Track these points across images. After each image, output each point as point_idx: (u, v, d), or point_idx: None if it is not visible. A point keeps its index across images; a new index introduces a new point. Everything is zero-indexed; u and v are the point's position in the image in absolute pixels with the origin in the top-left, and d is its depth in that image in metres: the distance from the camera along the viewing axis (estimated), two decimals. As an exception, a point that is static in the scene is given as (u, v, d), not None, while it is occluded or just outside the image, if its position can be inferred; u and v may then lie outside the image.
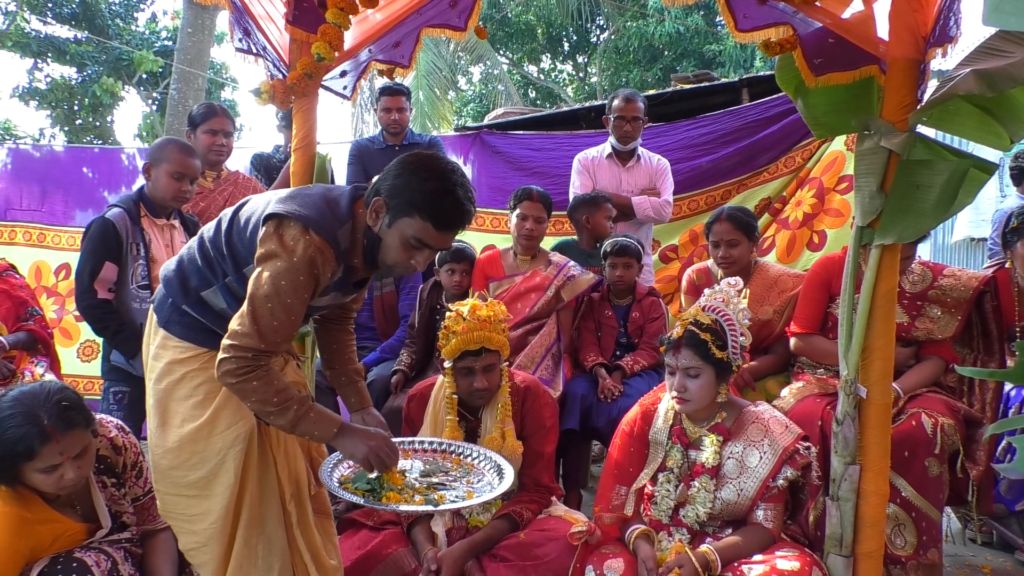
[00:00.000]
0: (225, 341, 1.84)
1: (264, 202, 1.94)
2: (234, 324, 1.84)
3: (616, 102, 4.35)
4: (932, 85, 2.12)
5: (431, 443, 2.50)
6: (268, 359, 1.86)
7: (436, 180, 1.85)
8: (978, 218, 7.33)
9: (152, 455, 2.03)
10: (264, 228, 1.85)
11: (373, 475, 2.07)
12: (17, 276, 3.95)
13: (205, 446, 1.97)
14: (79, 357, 5.12)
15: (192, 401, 1.98)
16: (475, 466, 2.39)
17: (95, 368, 4.55)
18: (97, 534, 2.12)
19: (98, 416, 2.16)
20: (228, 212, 2.02)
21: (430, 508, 2.07)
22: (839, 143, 4.60)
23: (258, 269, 1.84)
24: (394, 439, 2.34)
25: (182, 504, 2.02)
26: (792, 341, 3.08)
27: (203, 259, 1.99)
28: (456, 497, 2.15)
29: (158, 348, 2.03)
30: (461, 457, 2.44)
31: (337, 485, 2.08)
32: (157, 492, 2.07)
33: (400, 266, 1.94)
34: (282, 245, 1.81)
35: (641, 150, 4.46)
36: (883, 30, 2.16)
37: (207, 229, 2.04)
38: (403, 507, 2.04)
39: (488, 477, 2.31)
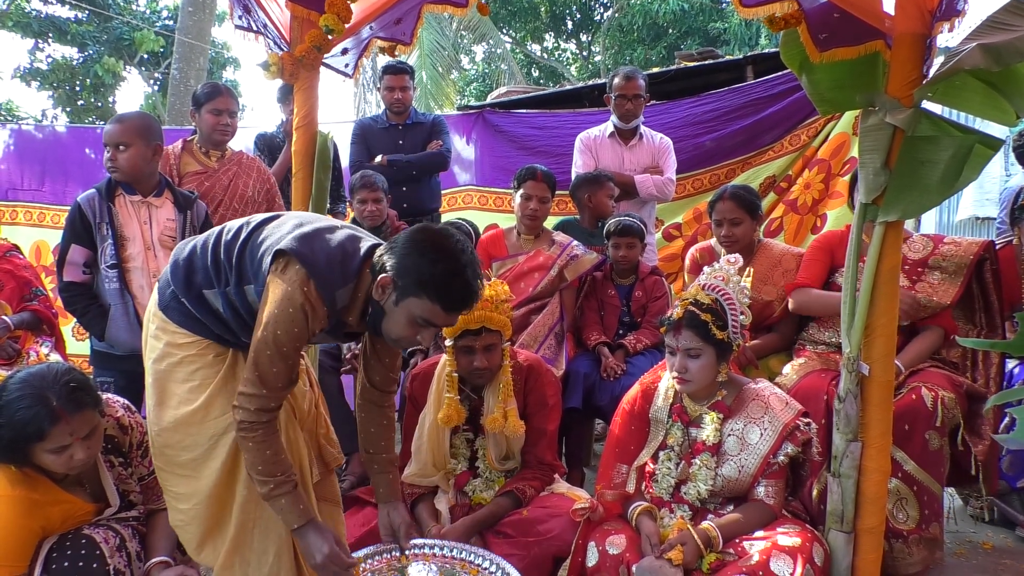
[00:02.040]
0: (240, 390, 1.88)
1: (290, 227, 1.92)
2: (245, 374, 1.88)
3: (616, 80, 4.32)
4: (938, 61, 2.10)
5: (452, 549, 2.37)
6: (272, 416, 1.89)
7: (445, 261, 1.81)
8: (983, 197, 7.30)
9: (150, 431, 2.06)
10: (274, 264, 1.85)
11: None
12: (21, 256, 3.96)
13: (198, 430, 1.98)
14: (74, 336, 5.13)
15: (188, 385, 2.00)
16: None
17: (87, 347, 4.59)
18: (105, 512, 2.13)
19: (104, 396, 2.17)
20: (256, 219, 2.00)
21: None
22: (845, 124, 4.57)
23: (262, 310, 1.85)
24: (416, 540, 2.32)
25: (172, 481, 2.05)
26: (790, 301, 3.07)
27: (212, 260, 1.98)
28: None
29: (157, 329, 2.04)
30: (480, 568, 2.31)
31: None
32: (155, 466, 2.10)
33: (404, 341, 1.93)
34: (282, 294, 1.81)
35: (644, 128, 4.44)
36: (889, 4, 2.13)
37: (228, 229, 2.02)
38: None
39: None
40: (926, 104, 2.10)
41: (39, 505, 1.98)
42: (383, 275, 1.83)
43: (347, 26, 2.75)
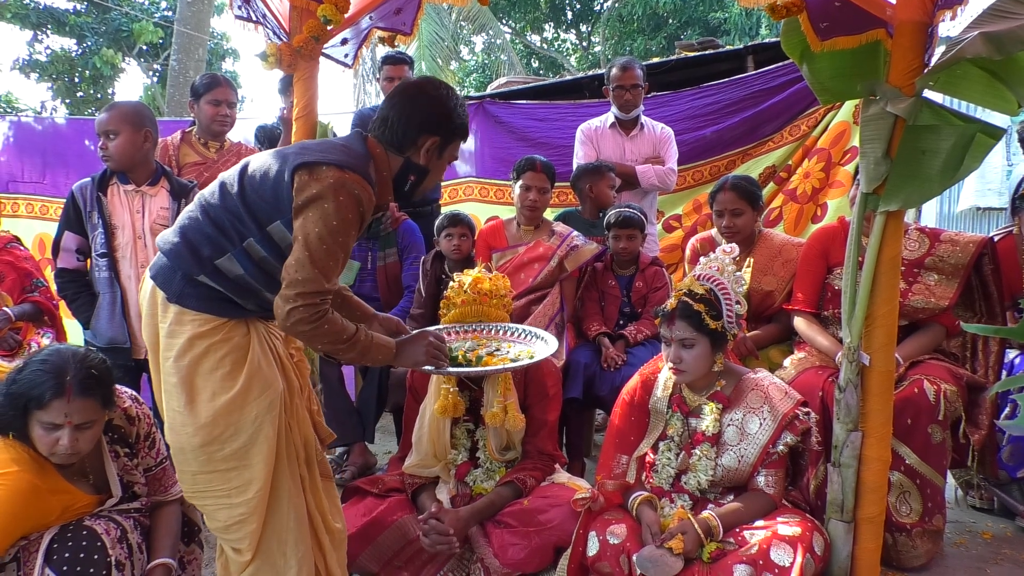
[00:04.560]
0: (287, 292, 1.84)
1: (275, 157, 1.94)
2: (292, 275, 1.84)
3: (614, 71, 4.32)
4: (940, 50, 2.09)
5: (474, 327, 2.65)
6: (330, 300, 1.91)
7: (456, 102, 2.04)
8: (984, 187, 7.28)
9: (178, 436, 1.96)
10: (298, 178, 1.86)
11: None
12: (21, 248, 3.95)
13: (240, 416, 1.94)
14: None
15: (220, 373, 1.94)
16: (513, 338, 2.56)
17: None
18: (107, 503, 2.12)
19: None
20: (230, 176, 1.98)
21: (526, 362, 2.34)
22: (846, 113, 4.56)
23: (304, 216, 1.85)
24: (435, 327, 2.58)
25: (218, 480, 1.98)
26: (795, 320, 3.06)
27: (213, 226, 1.94)
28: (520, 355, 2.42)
29: (173, 325, 1.96)
30: (502, 334, 2.60)
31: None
32: (185, 474, 2.01)
33: (434, 185, 2.14)
34: (324, 187, 1.83)
35: (644, 119, 4.43)
36: (890, -8, 2.13)
37: (208, 196, 1.99)
38: (508, 365, 2.31)
39: (533, 344, 2.51)
40: (927, 93, 2.09)
41: (40, 493, 1.96)
42: (430, 138, 2.00)
43: (347, 16, 2.74)
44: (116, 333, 3.11)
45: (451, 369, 2.25)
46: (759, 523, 2.22)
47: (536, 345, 2.49)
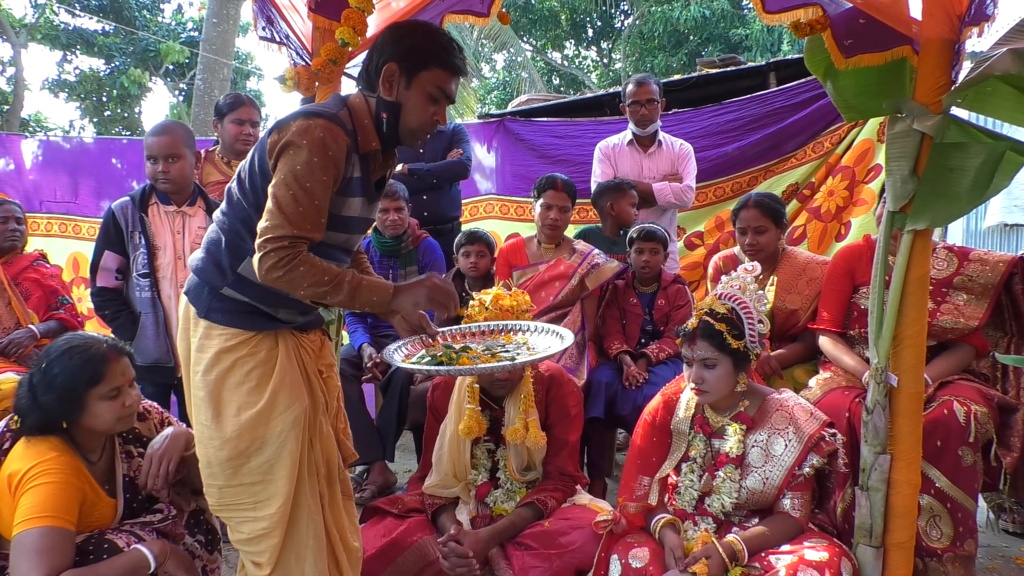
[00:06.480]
0: (257, 241, 1.82)
1: (258, 144, 1.96)
2: (261, 223, 1.83)
3: (629, 88, 4.34)
4: (966, 67, 2.06)
5: (487, 326, 2.51)
6: (305, 245, 1.85)
7: (430, 31, 1.98)
8: (1011, 203, 7.18)
9: (206, 450, 1.99)
10: (269, 142, 1.86)
11: (438, 353, 2.17)
12: (48, 265, 4.01)
13: (265, 431, 1.95)
14: None
15: (246, 387, 1.96)
16: (531, 336, 2.42)
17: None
18: (117, 508, 2.13)
19: None
20: (230, 186, 2.02)
21: (506, 364, 2.12)
22: (870, 130, 4.52)
23: (276, 172, 1.84)
24: (447, 328, 2.45)
25: (244, 494, 1.99)
26: (820, 339, 3.01)
27: (228, 233, 1.97)
28: (523, 354, 2.22)
29: (202, 339, 2.00)
30: (514, 334, 2.46)
31: (405, 362, 2.15)
32: (212, 488, 2.03)
33: (425, 126, 1.98)
34: (289, 136, 1.82)
35: (663, 135, 4.42)
36: (916, 9, 2.10)
37: (220, 209, 2.03)
38: (481, 366, 2.09)
39: (548, 340, 2.34)
40: (955, 110, 2.06)
41: (81, 474, 2.03)
42: (387, 66, 1.91)
43: (368, 36, 2.76)
44: (161, 353, 3.15)
45: (441, 368, 2.11)
46: (785, 548, 2.18)
47: (551, 342, 2.35)
